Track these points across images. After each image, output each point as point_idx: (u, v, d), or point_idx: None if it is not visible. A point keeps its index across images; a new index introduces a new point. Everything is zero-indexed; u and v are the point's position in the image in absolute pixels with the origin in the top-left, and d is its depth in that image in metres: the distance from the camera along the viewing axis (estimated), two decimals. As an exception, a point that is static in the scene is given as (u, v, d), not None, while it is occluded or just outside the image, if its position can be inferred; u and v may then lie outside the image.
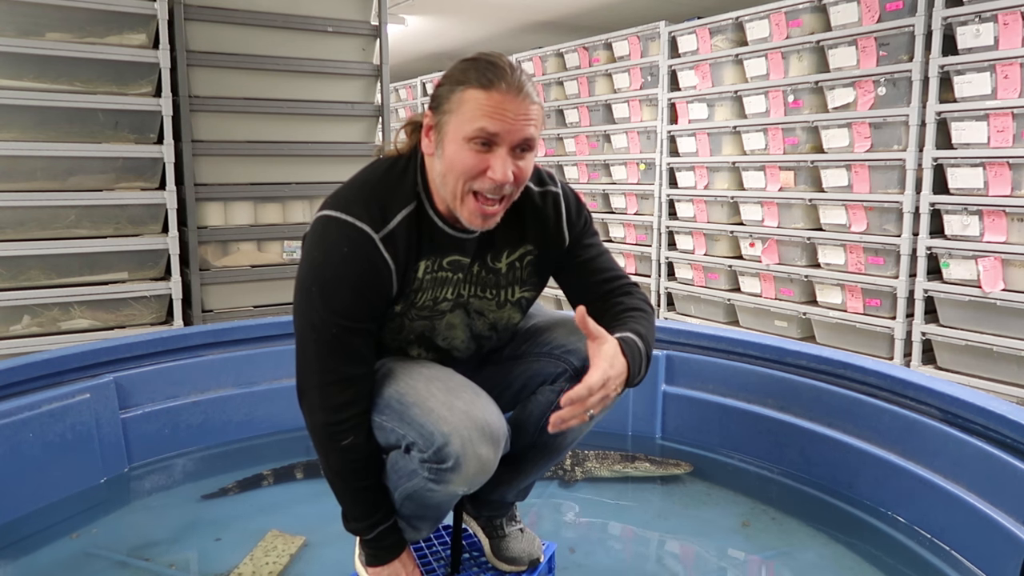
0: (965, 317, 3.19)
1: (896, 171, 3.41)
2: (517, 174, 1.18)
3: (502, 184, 1.17)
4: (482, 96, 1.15)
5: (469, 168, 1.17)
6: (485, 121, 1.14)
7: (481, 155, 1.16)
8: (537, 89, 1.20)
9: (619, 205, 5.12)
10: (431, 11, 5.59)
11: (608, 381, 1.16)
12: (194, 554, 1.78)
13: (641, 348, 1.24)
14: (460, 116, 1.16)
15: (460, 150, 1.17)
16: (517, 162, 1.18)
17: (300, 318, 1.26)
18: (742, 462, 2.22)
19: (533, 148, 1.20)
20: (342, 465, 1.30)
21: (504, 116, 1.14)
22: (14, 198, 2.76)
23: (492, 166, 1.16)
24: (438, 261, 1.28)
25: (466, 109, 1.16)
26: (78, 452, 2.03)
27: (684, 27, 4.44)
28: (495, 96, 1.14)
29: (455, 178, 1.18)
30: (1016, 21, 2.92)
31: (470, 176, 1.17)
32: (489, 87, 1.15)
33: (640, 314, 1.31)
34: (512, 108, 1.15)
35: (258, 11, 3.19)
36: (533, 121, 1.17)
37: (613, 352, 1.18)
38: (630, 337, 1.24)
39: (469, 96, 1.16)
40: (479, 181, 1.17)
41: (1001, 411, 1.64)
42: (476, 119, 1.15)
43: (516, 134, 1.16)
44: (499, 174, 1.16)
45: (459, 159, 1.17)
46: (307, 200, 3.41)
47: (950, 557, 1.70)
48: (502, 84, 1.15)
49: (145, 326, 3.02)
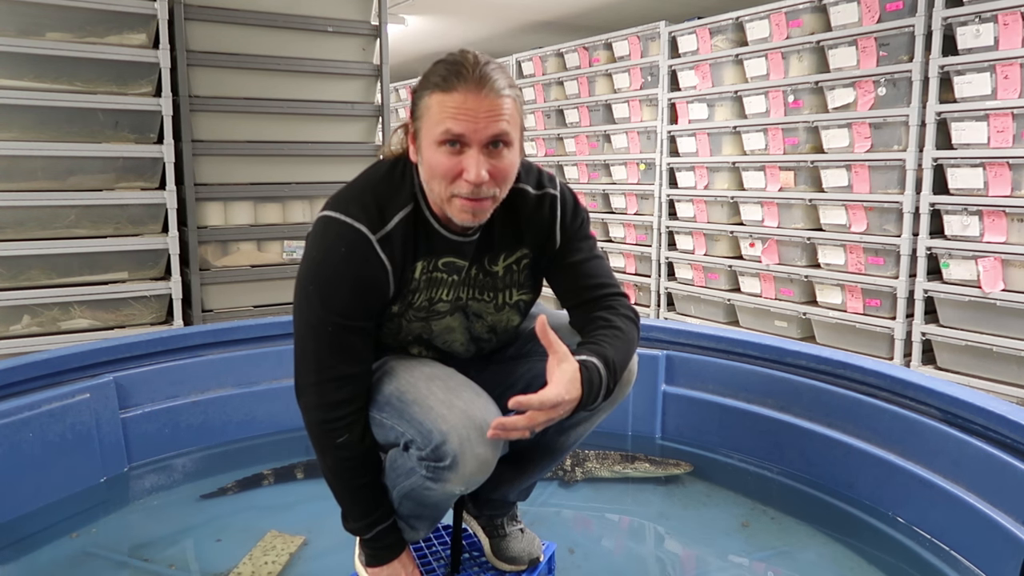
0: (965, 317, 3.19)
1: (896, 171, 3.41)
2: (493, 172, 1.16)
3: (478, 184, 1.15)
4: (444, 98, 1.14)
5: (445, 172, 1.16)
6: (449, 123, 1.14)
7: (454, 157, 1.15)
8: (508, 80, 1.17)
9: (619, 205, 5.12)
10: (431, 11, 5.59)
11: (561, 404, 1.13)
12: (194, 554, 1.78)
13: (602, 376, 1.20)
14: (428, 121, 1.16)
15: (434, 155, 1.16)
16: (491, 160, 1.16)
17: (299, 316, 1.27)
18: (742, 462, 2.22)
19: (510, 143, 1.18)
20: (338, 463, 1.30)
21: (467, 115, 1.13)
22: (14, 198, 2.75)
23: (466, 167, 1.15)
24: (434, 262, 1.28)
25: (432, 114, 1.15)
26: (78, 452, 2.03)
27: (684, 27, 4.44)
28: (456, 96, 1.13)
29: (437, 183, 1.18)
30: (1016, 21, 2.92)
31: (448, 180, 1.17)
32: (449, 88, 1.14)
33: (616, 333, 1.27)
34: (474, 106, 1.13)
35: (258, 11, 3.19)
36: (503, 115, 1.15)
37: (572, 376, 1.15)
38: (592, 363, 1.19)
39: (433, 100, 1.15)
40: (456, 185, 1.16)
41: (1001, 411, 1.64)
42: (441, 122, 1.14)
43: (483, 132, 1.14)
44: (472, 175, 1.14)
45: (435, 164, 1.17)
46: (307, 200, 3.41)
47: (950, 557, 1.70)
48: (461, 84, 1.13)
49: (145, 326, 3.02)
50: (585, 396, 1.17)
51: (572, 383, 1.15)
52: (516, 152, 1.21)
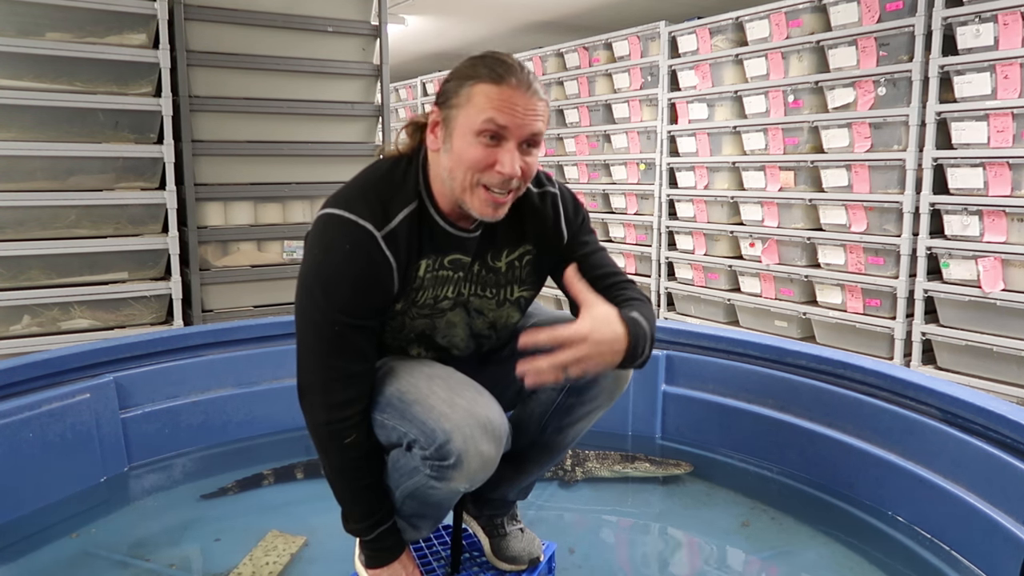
0: (965, 317, 3.19)
1: (896, 171, 3.41)
2: (524, 169, 1.20)
3: (510, 178, 1.18)
4: (493, 90, 1.16)
5: (478, 161, 1.17)
6: (495, 113, 1.15)
7: (490, 149, 1.17)
8: (543, 88, 1.22)
9: (619, 205, 5.12)
10: (431, 11, 5.59)
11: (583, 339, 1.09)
12: (194, 554, 1.78)
13: (645, 328, 1.19)
14: (469, 110, 1.17)
15: (469, 144, 1.17)
16: (524, 157, 1.19)
17: (301, 316, 1.26)
18: (742, 462, 2.22)
19: (539, 144, 1.22)
20: (343, 464, 1.30)
21: (514, 110, 1.16)
22: (14, 198, 2.76)
23: (500, 160, 1.17)
24: (439, 260, 1.28)
25: (476, 103, 1.17)
26: (78, 452, 2.03)
27: (684, 27, 4.44)
28: (505, 91, 1.16)
29: (464, 171, 1.19)
30: (1016, 21, 2.92)
31: (478, 169, 1.18)
32: (500, 81, 1.16)
33: (642, 303, 1.29)
34: (522, 103, 1.16)
35: (258, 11, 3.19)
36: (541, 117, 1.20)
37: (604, 316, 1.14)
38: (633, 316, 1.18)
39: (479, 90, 1.17)
40: (487, 175, 1.18)
41: (1001, 411, 1.64)
42: (486, 111, 1.16)
43: (525, 128, 1.17)
44: (507, 168, 1.17)
45: (468, 152, 1.17)
46: (307, 200, 3.41)
47: (950, 557, 1.70)
48: (512, 79, 1.16)
49: (145, 326, 3.02)
50: (633, 339, 1.15)
51: (603, 322, 1.13)
52: (540, 154, 1.25)
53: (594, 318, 1.13)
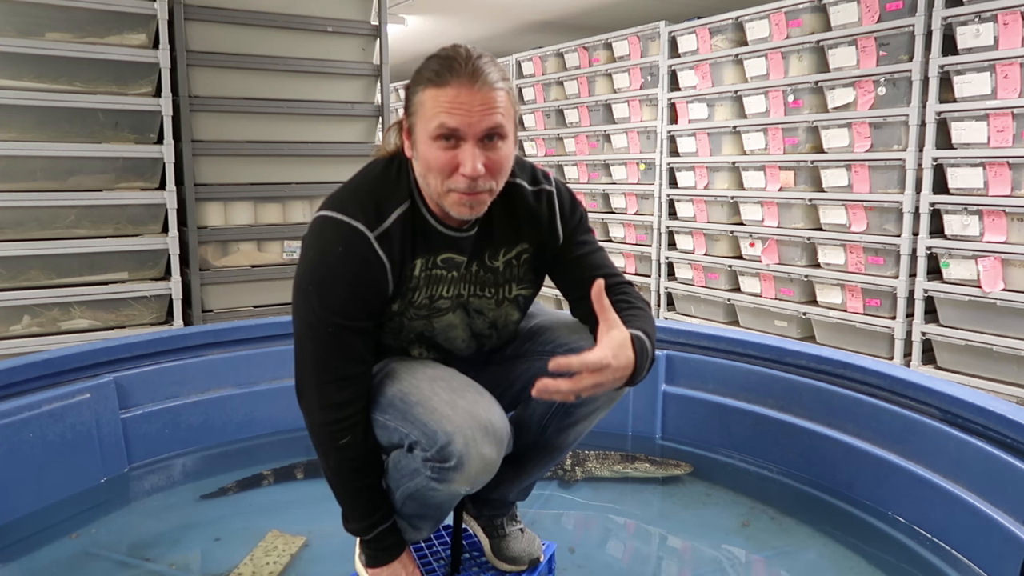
0: (965, 317, 3.19)
1: (896, 171, 3.41)
2: (489, 165, 1.16)
3: (474, 178, 1.15)
4: (437, 93, 1.14)
5: (442, 166, 1.16)
6: (444, 117, 1.14)
7: (449, 152, 1.15)
8: (501, 72, 1.17)
9: (619, 205, 5.12)
10: (431, 11, 5.59)
11: (606, 367, 1.11)
12: (194, 554, 1.78)
13: (648, 348, 1.22)
14: (422, 116, 1.17)
15: (429, 150, 1.16)
16: (487, 153, 1.16)
17: (298, 318, 1.26)
18: (742, 462, 2.22)
19: (504, 135, 1.18)
20: (341, 464, 1.30)
21: (461, 109, 1.13)
22: (14, 198, 2.75)
23: (462, 161, 1.15)
24: (432, 259, 1.28)
25: (426, 109, 1.16)
26: (78, 452, 2.03)
27: (684, 27, 4.44)
28: (450, 91, 1.14)
29: (433, 177, 1.18)
30: (1016, 21, 2.92)
31: (445, 174, 1.17)
32: (442, 83, 1.14)
33: (643, 314, 1.29)
34: (468, 99, 1.13)
35: (258, 11, 3.19)
36: (497, 108, 1.15)
37: (621, 341, 1.15)
38: (639, 336, 1.20)
39: (427, 95, 1.16)
40: (453, 180, 1.17)
41: (1001, 411, 1.64)
42: (436, 116, 1.14)
43: (478, 125, 1.14)
44: (468, 169, 1.14)
45: (431, 159, 1.17)
46: (307, 200, 3.41)
47: (950, 557, 1.70)
48: (454, 78, 1.13)
49: (145, 326, 3.02)
50: (639, 362, 1.17)
51: (621, 348, 1.14)
52: (511, 144, 1.21)
53: (613, 344, 1.14)
